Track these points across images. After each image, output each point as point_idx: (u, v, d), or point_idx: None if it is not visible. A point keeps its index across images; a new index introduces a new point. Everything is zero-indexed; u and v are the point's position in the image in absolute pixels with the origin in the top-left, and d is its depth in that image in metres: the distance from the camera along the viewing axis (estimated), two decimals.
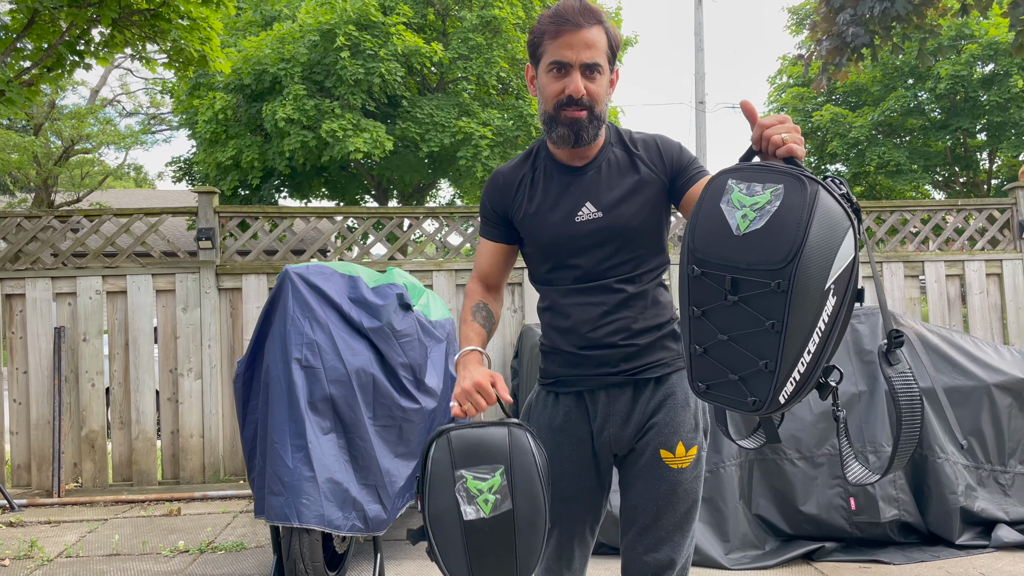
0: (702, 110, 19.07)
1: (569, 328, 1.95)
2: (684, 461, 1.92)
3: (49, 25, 5.72)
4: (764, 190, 1.43)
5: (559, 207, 1.95)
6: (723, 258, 1.45)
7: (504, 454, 1.72)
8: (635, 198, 1.93)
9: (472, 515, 1.69)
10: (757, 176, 1.45)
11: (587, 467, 1.99)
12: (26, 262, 5.84)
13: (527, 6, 14.00)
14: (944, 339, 4.38)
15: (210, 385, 5.89)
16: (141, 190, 31.56)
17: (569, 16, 1.82)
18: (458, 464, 1.71)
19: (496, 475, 1.71)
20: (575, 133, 1.87)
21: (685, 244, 1.51)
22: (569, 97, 1.84)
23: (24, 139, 18.14)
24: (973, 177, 18.68)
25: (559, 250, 1.95)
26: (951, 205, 6.78)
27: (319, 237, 6.35)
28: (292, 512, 3.21)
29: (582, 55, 1.82)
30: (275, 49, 12.47)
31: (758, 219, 1.42)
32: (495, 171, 2.09)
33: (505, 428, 1.75)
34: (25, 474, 5.79)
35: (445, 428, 1.74)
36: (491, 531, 1.69)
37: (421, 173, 15.31)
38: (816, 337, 1.40)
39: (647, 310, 1.95)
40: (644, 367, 1.94)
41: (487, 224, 2.08)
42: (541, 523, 1.73)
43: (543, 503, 1.73)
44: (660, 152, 1.97)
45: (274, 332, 3.49)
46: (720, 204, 1.46)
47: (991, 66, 16.30)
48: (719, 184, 1.48)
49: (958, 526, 3.98)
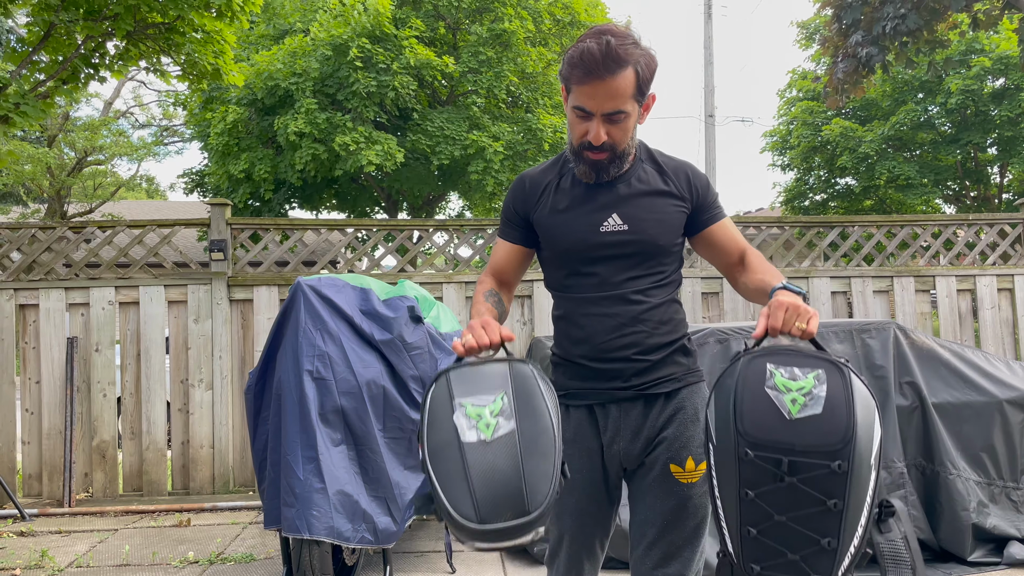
0: (711, 123, 19.09)
1: (583, 338, 1.95)
2: (694, 476, 1.92)
3: (65, 38, 5.78)
4: (805, 374, 1.53)
5: (585, 215, 1.96)
6: (778, 441, 1.50)
7: (504, 381, 1.62)
8: (661, 216, 1.96)
9: (472, 438, 1.55)
10: (794, 360, 1.56)
11: (597, 480, 1.98)
12: (40, 273, 5.89)
13: (536, 20, 14.06)
14: (956, 354, 4.36)
15: (221, 396, 5.92)
16: (153, 201, 31.74)
17: (592, 67, 1.79)
18: (456, 395, 1.60)
19: (497, 399, 1.59)
20: (596, 172, 1.92)
21: (732, 427, 1.55)
22: (589, 143, 1.87)
23: (38, 150, 18.31)
24: (984, 191, 18.61)
25: (579, 256, 1.96)
26: (962, 220, 6.77)
27: (330, 249, 6.38)
28: (303, 524, 3.22)
29: (604, 105, 1.83)
30: (287, 63, 12.55)
31: (812, 404, 1.51)
32: (521, 174, 2.11)
33: (506, 362, 1.65)
34: (36, 484, 5.81)
35: (444, 369, 1.65)
36: (494, 455, 1.54)
37: (431, 185, 15.35)
38: (866, 511, 1.49)
39: (661, 326, 1.96)
40: (655, 382, 1.94)
41: (507, 225, 2.09)
42: (550, 445, 1.57)
43: (551, 425, 1.59)
44: (690, 181, 2.01)
45: (286, 344, 3.51)
46: (765, 388, 1.54)
47: (1002, 80, 16.27)
48: (758, 368, 1.56)
49: (970, 543, 3.95)
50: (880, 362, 4.21)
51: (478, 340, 1.68)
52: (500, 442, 1.55)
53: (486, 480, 1.52)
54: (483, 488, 1.52)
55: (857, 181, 18.37)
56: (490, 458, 1.54)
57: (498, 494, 1.52)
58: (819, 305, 6.41)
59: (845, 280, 6.48)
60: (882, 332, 4.32)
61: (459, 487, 1.53)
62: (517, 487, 1.53)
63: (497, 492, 1.52)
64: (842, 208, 19.83)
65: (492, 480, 1.53)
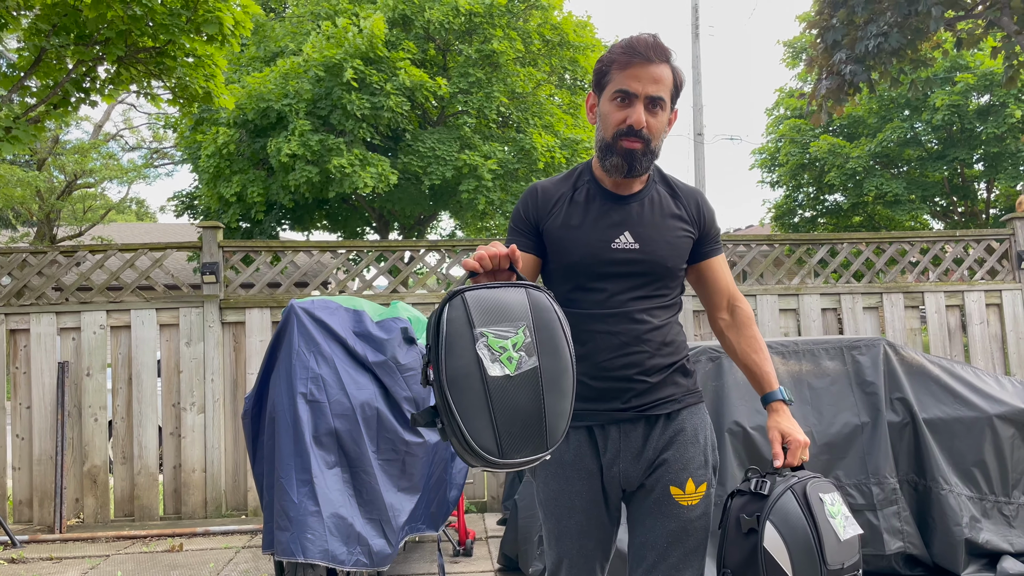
0: (700, 142, 19.21)
1: (584, 355, 1.92)
2: (694, 498, 1.93)
3: (55, 63, 5.81)
4: (836, 499, 1.84)
5: (597, 230, 1.97)
6: (844, 566, 1.78)
7: (525, 312, 1.59)
8: (672, 239, 1.99)
9: (497, 372, 1.53)
10: (824, 486, 1.86)
11: (597, 503, 1.97)
12: (30, 297, 5.87)
13: (526, 40, 14.17)
14: (945, 370, 4.39)
15: (213, 419, 5.90)
16: (143, 223, 31.68)
17: (641, 49, 1.87)
18: (476, 323, 1.55)
19: (519, 332, 1.57)
20: (629, 164, 1.92)
21: (818, 564, 1.76)
22: (630, 127, 1.89)
23: (27, 174, 18.29)
24: (971, 207, 18.77)
25: (587, 271, 1.96)
26: (950, 236, 6.83)
27: (322, 270, 6.38)
28: (297, 547, 3.21)
29: (648, 88, 1.88)
30: (279, 85, 12.59)
31: (850, 525, 1.82)
32: (535, 184, 2.10)
33: (523, 288, 1.62)
34: (27, 510, 5.77)
35: (458, 289, 1.60)
36: (516, 391, 1.54)
37: (422, 205, 15.40)
38: None
39: (664, 347, 1.98)
40: (655, 403, 1.95)
41: (516, 234, 2.06)
42: (569, 384, 1.60)
43: (571, 362, 1.61)
44: (700, 209, 2.07)
45: (279, 366, 3.52)
46: (828, 519, 1.79)
47: (987, 97, 16.46)
48: (814, 500, 1.82)
49: (963, 558, 3.96)
50: (871, 378, 4.23)
51: (488, 251, 1.65)
52: (523, 377, 1.54)
53: (509, 416, 1.53)
54: (506, 424, 1.53)
55: (845, 198, 18.51)
56: (513, 393, 1.53)
57: (520, 431, 1.54)
58: (809, 322, 6.45)
59: (835, 297, 6.52)
60: (872, 348, 4.34)
61: (481, 420, 1.52)
62: (538, 425, 1.55)
63: (519, 429, 1.54)
64: (831, 224, 19.96)
65: (515, 417, 1.53)
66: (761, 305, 6.42)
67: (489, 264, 1.65)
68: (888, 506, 4.00)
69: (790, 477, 1.85)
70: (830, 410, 4.17)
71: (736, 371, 4.12)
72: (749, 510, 1.83)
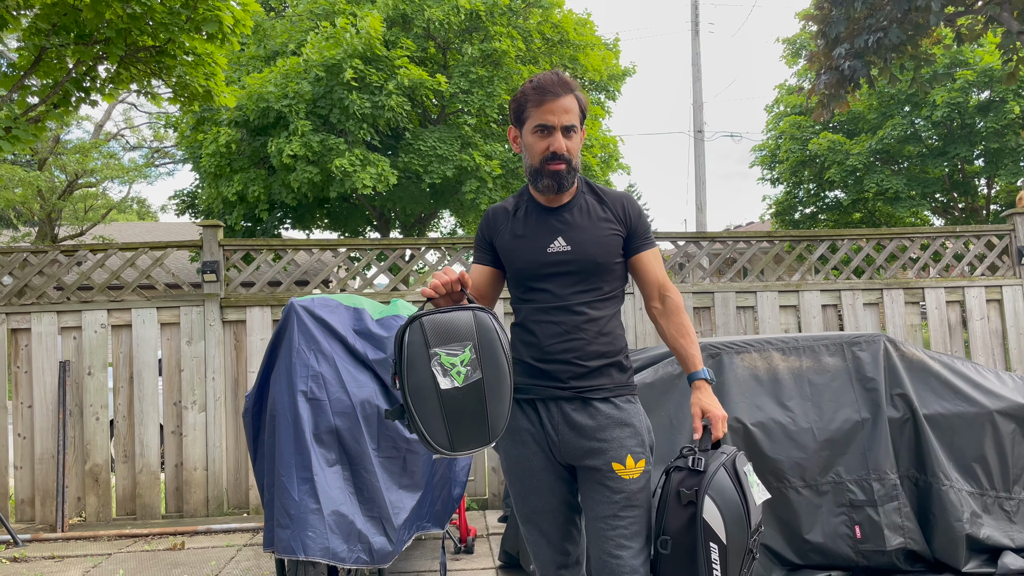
0: (700, 139, 19.21)
1: (532, 342, 2.28)
2: (635, 472, 2.21)
3: (56, 63, 5.80)
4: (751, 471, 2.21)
5: (535, 239, 2.30)
6: (756, 524, 2.10)
7: (471, 332, 1.98)
8: (600, 239, 2.29)
9: (447, 385, 1.94)
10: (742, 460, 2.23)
11: (552, 463, 2.28)
12: (32, 296, 5.88)
13: (527, 39, 14.16)
14: (946, 366, 4.39)
15: (214, 418, 5.90)
16: (144, 223, 31.69)
17: (549, 87, 2.23)
18: (431, 344, 1.95)
19: (466, 350, 1.97)
20: (557, 182, 2.26)
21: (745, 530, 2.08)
22: (553, 153, 2.23)
23: (28, 174, 18.30)
24: (971, 203, 18.76)
25: (530, 274, 2.29)
26: (950, 232, 6.82)
27: (322, 269, 6.39)
28: (298, 545, 3.21)
29: (562, 118, 2.23)
30: (279, 85, 12.59)
31: (762, 491, 2.14)
32: (489, 208, 2.49)
33: (470, 311, 2.01)
34: (29, 508, 5.78)
35: (416, 315, 1.99)
36: (464, 398, 1.95)
37: (423, 204, 15.40)
38: None
39: (600, 337, 2.27)
40: (591, 388, 2.24)
41: (479, 250, 2.45)
42: (507, 389, 2.01)
43: (508, 371, 2.01)
44: (625, 209, 2.36)
45: (280, 365, 3.52)
46: (752, 488, 2.13)
47: (987, 93, 16.44)
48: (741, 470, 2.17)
49: (964, 553, 3.96)
50: (871, 374, 4.23)
51: (440, 279, 2.04)
52: (470, 387, 1.96)
53: (457, 419, 1.95)
54: (455, 425, 1.95)
55: (846, 194, 18.50)
56: (461, 401, 1.95)
57: (467, 430, 1.97)
58: (810, 318, 6.45)
59: (835, 293, 6.52)
60: (872, 344, 4.34)
61: (436, 423, 1.95)
62: (482, 424, 1.98)
63: (466, 428, 1.96)
64: (831, 221, 19.95)
65: (462, 419, 1.96)
66: (761, 302, 6.42)
67: (443, 290, 2.04)
68: (889, 502, 4.00)
69: (720, 454, 2.15)
70: (830, 406, 4.17)
71: (736, 368, 4.12)
72: (688, 484, 2.12)
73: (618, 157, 16.57)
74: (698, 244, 6.60)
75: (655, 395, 3.97)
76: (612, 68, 16.39)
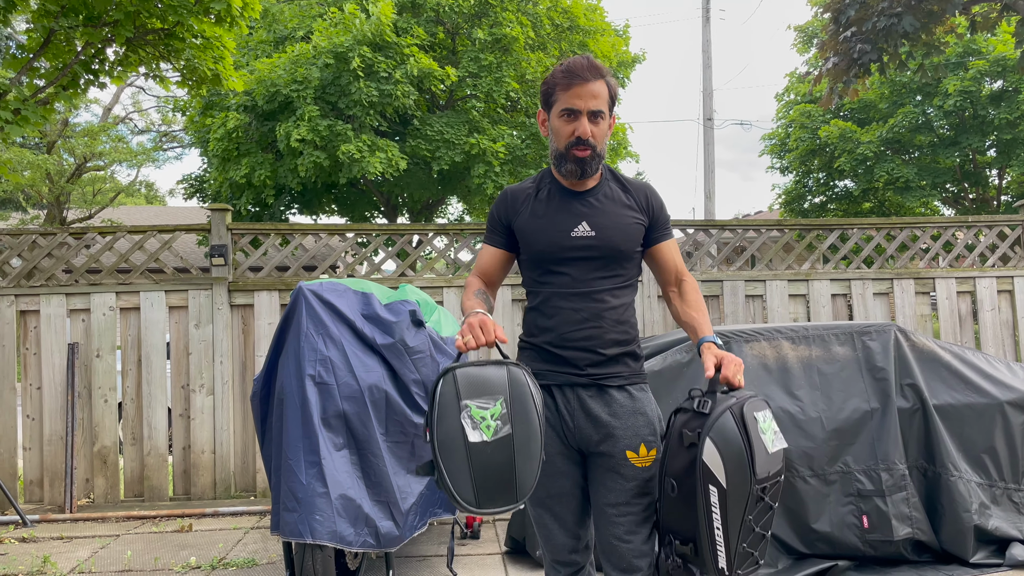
0: (710, 127, 19.11)
1: (550, 328, 2.26)
2: (647, 460, 2.22)
3: (64, 45, 5.78)
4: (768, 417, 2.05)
5: (558, 222, 2.28)
6: (770, 476, 1.99)
7: (503, 387, 1.95)
8: (624, 227, 2.28)
9: (476, 438, 1.89)
10: (759, 405, 2.05)
11: (566, 448, 2.27)
12: (40, 279, 5.89)
13: (536, 25, 14.08)
14: (956, 356, 4.37)
15: (222, 401, 5.92)
16: (152, 207, 31.74)
17: (578, 72, 2.20)
18: (462, 396, 1.92)
19: (497, 404, 1.92)
20: (581, 168, 2.25)
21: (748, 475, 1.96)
22: (578, 138, 2.21)
23: (37, 157, 18.31)
24: (983, 194, 18.63)
25: (551, 257, 2.27)
26: (961, 222, 6.77)
27: (330, 254, 6.39)
28: (305, 528, 3.22)
29: (589, 104, 2.21)
30: (288, 70, 12.55)
31: (778, 439, 2.03)
32: (506, 188, 2.43)
33: (504, 366, 1.98)
34: (38, 490, 5.81)
35: (450, 367, 1.96)
36: (492, 453, 1.90)
37: (431, 190, 15.36)
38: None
39: (618, 325, 2.27)
40: (607, 375, 2.24)
41: (492, 232, 2.41)
42: (537, 448, 1.95)
43: (539, 430, 1.95)
44: (648, 199, 2.36)
45: (288, 348, 3.51)
46: (760, 434, 1.99)
47: (1000, 83, 16.29)
48: (750, 417, 2.00)
49: (972, 544, 3.95)
50: (881, 364, 4.21)
51: (477, 340, 1.97)
52: (498, 443, 1.90)
53: (485, 474, 1.90)
54: (482, 480, 1.90)
55: (856, 183, 18.39)
56: (489, 455, 1.90)
57: (494, 487, 1.91)
58: (819, 308, 6.42)
59: (845, 283, 6.49)
60: (883, 334, 4.32)
61: (463, 477, 1.90)
62: (509, 482, 1.92)
63: (493, 485, 1.91)
64: (841, 211, 19.85)
65: (489, 475, 1.90)
66: (771, 291, 6.39)
67: (476, 347, 1.97)
68: (897, 492, 3.99)
69: (729, 398, 2.05)
70: (839, 396, 4.15)
71: (745, 357, 4.12)
72: (691, 426, 2.07)
73: (627, 145, 16.50)
74: (707, 232, 6.57)
75: (663, 383, 3.96)
76: (622, 55, 16.27)
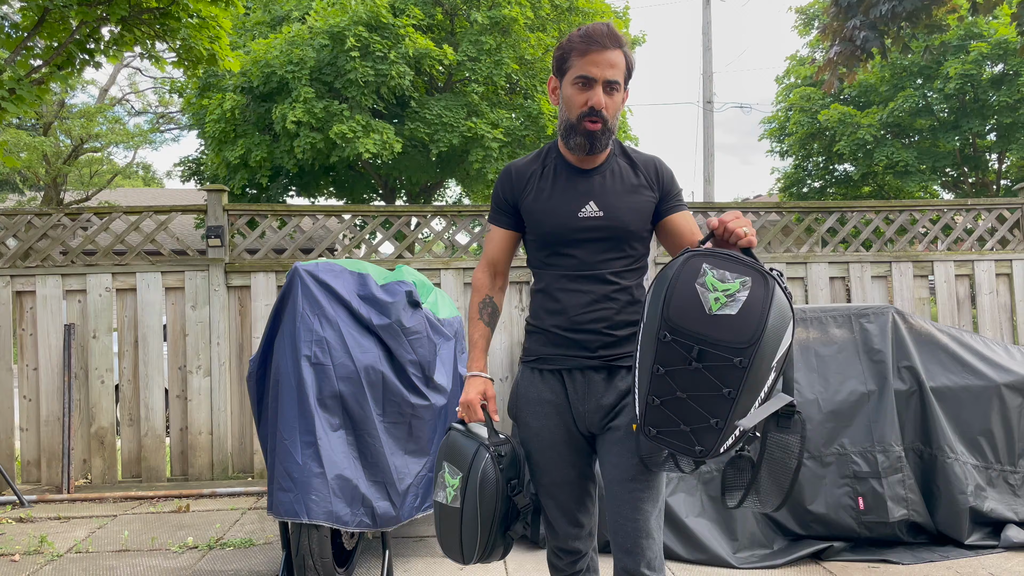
0: (710, 110, 19.03)
1: (558, 311, 2.21)
2: None
3: (59, 23, 5.73)
4: (734, 279, 1.76)
5: (565, 202, 2.20)
6: (694, 331, 1.76)
7: (466, 466, 2.14)
8: (633, 205, 2.21)
9: (440, 498, 2.21)
10: (728, 265, 1.78)
11: (573, 436, 2.24)
12: (36, 259, 5.87)
13: (535, 5, 13.98)
14: (954, 338, 4.36)
15: (219, 382, 5.91)
16: (149, 189, 31.65)
17: (597, 38, 2.09)
18: (443, 456, 2.21)
19: (457, 479, 2.15)
20: (590, 142, 2.15)
21: (659, 311, 1.79)
22: (591, 108, 2.11)
23: (34, 138, 18.25)
24: (982, 178, 18.58)
25: (558, 238, 2.20)
26: (961, 205, 6.75)
27: (327, 235, 6.36)
28: (301, 508, 3.22)
29: (605, 72, 2.10)
30: (284, 52, 12.48)
31: (730, 305, 1.75)
32: (508, 165, 2.33)
33: (476, 445, 2.16)
34: (35, 470, 5.81)
35: (451, 425, 2.24)
36: (445, 515, 2.18)
37: (429, 173, 15.31)
38: (757, 403, 1.76)
39: (628, 306, 2.20)
40: (619, 356, 2.19)
41: (498, 212, 2.34)
42: (475, 532, 2.14)
43: (477, 520, 2.13)
44: (658, 172, 2.27)
45: (284, 329, 3.50)
46: (695, 284, 1.77)
47: (1000, 66, 16.20)
48: (695, 266, 1.79)
49: (967, 526, 3.97)
50: (878, 346, 4.21)
51: (468, 419, 2.24)
52: (452, 510, 2.17)
53: (441, 529, 2.23)
54: (440, 534, 2.24)
55: (855, 167, 18.32)
56: (445, 515, 2.19)
57: (450, 542, 2.21)
58: (817, 290, 6.41)
59: (843, 265, 6.47)
60: (880, 317, 4.32)
61: (437, 519, 2.25)
62: (458, 545, 2.19)
63: (450, 540, 2.21)
64: (840, 195, 19.81)
65: (444, 531, 2.22)
66: None
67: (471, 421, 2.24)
68: (893, 474, 3.99)
69: (720, 252, 1.83)
70: (837, 378, 4.15)
71: None
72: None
73: (627, 128, 16.43)
74: (706, 215, 6.54)
75: None
76: None
